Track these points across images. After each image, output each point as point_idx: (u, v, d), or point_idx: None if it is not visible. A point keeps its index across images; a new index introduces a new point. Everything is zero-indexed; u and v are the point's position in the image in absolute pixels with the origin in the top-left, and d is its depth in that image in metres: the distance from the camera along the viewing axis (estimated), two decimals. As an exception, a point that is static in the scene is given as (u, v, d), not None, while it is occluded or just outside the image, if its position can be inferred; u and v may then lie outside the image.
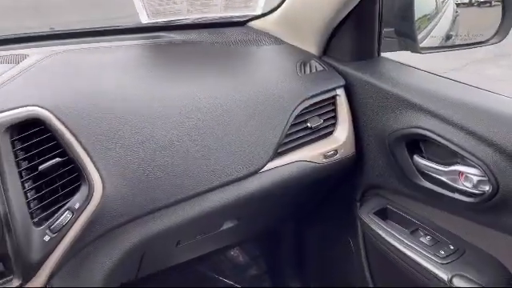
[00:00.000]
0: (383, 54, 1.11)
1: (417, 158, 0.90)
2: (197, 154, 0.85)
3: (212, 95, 0.90)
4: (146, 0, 1.08)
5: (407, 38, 1.07)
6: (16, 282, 0.68)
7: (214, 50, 1.08)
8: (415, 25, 1.06)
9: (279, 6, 1.18)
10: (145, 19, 1.11)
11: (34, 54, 0.89)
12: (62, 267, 0.74)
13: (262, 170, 0.92)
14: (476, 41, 1.10)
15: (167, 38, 1.11)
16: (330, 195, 1.17)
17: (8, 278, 0.68)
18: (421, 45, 1.10)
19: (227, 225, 1.03)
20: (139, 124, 0.81)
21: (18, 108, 0.71)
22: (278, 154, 0.94)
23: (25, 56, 0.87)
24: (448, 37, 1.37)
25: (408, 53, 1.08)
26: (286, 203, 1.15)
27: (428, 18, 1.27)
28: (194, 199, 0.86)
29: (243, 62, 1.05)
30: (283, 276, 1.50)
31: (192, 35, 1.14)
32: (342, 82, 1.03)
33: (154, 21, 1.13)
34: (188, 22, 1.18)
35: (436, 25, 1.30)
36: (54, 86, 0.80)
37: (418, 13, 1.13)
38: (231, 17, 1.23)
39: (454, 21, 1.46)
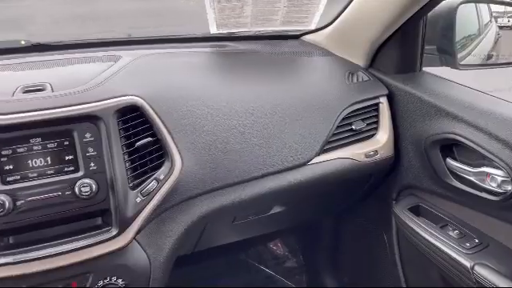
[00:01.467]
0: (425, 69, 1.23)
1: (449, 161, 1.01)
2: (256, 144, 1.01)
3: (271, 96, 1.06)
4: (218, 14, 1.27)
5: (447, 55, 1.19)
6: (114, 232, 0.85)
7: (272, 58, 1.25)
8: (455, 44, 1.18)
9: (331, 22, 1.33)
10: (214, 30, 1.30)
11: (126, 55, 1.09)
12: (146, 225, 0.91)
13: (310, 162, 1.06)
14: (508, 61, 1.20)
15: (231, 47, 1.29)
16: (369, 193, 1.30)
17: (108, 228, 0.86)
18: (462, 62, 1.22)
19: (275, 209, 1.18)
20: (211, 116, 0.99)
21: (121, 96, 0.89)
22: (324, 150, 1.08)
23: (119, 57, 1.07)
24: (489, 56, 1.47)
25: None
26: (329, 195, 1.28)
27: (471, 39, 1.38)
28: (250, 182, 1.02)
29: (297, 69, 1.20)
30: (318, 268, 1.62)
31: (252, 45, 1.31)
32: (386, 92, 1.16)
33: (221, 31, 1.31)
34: (249, 33, 1.36)
35: (478, 45, 1.41)
36: (147, 81, 0.98)
37: (462, 33, 1.25)
38: (287, 31, 1.40)
39: (495, 42, 1.57)
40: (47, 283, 0.84)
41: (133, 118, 0.89)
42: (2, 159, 0.79)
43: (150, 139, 0.90)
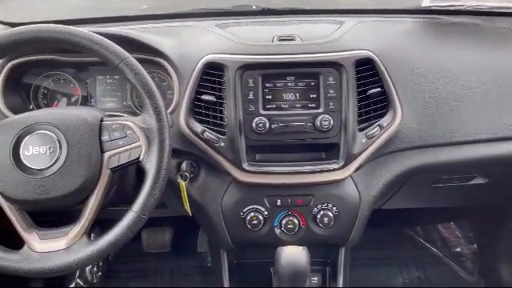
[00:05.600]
0: None
1: None
2: (474, 109, 1.04)
3: (491, 65, 1.08)
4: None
5: None
6: (340, 163, 0.99)
7: (493, 31, 1.23)
8: None
9: None
10: (426, 3, 1.32)
11: (347, 20, 1.20)
12: (364, 165, 1.03)
13: None
14: None
15: (445, 20, 1.30)
16: None
17: (334, 160, 1.00)
18: None
19: (477, 180, 1.19)
20: (432, 77, 1.05)
21: (359, 50, 1.01)
22: None
23: (342, 21, 1.19)
24: None
25: None
26: None
27: None
28: (461, 145, 1.05)
29: None
30: (495, 257, 1.55)
31: (466, 19, 1.31)
32: None
33: (433, 4, 1.33)
34: (462, 8, 1.35)
35: None
36: (375, 41, 1.08)
37: None
38: (505, 7, 1.34)
39: None
40: (281, 196, 1.03)
41: (366, 70, 1.01)
42: (265, 90, 0.99)
43: (379, 89, 1.00)
